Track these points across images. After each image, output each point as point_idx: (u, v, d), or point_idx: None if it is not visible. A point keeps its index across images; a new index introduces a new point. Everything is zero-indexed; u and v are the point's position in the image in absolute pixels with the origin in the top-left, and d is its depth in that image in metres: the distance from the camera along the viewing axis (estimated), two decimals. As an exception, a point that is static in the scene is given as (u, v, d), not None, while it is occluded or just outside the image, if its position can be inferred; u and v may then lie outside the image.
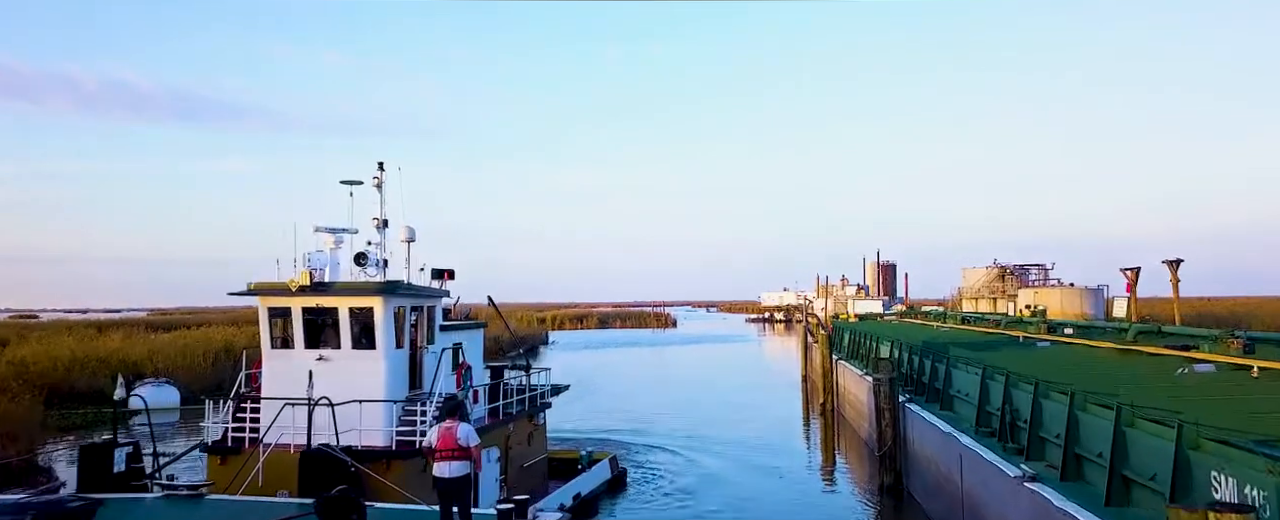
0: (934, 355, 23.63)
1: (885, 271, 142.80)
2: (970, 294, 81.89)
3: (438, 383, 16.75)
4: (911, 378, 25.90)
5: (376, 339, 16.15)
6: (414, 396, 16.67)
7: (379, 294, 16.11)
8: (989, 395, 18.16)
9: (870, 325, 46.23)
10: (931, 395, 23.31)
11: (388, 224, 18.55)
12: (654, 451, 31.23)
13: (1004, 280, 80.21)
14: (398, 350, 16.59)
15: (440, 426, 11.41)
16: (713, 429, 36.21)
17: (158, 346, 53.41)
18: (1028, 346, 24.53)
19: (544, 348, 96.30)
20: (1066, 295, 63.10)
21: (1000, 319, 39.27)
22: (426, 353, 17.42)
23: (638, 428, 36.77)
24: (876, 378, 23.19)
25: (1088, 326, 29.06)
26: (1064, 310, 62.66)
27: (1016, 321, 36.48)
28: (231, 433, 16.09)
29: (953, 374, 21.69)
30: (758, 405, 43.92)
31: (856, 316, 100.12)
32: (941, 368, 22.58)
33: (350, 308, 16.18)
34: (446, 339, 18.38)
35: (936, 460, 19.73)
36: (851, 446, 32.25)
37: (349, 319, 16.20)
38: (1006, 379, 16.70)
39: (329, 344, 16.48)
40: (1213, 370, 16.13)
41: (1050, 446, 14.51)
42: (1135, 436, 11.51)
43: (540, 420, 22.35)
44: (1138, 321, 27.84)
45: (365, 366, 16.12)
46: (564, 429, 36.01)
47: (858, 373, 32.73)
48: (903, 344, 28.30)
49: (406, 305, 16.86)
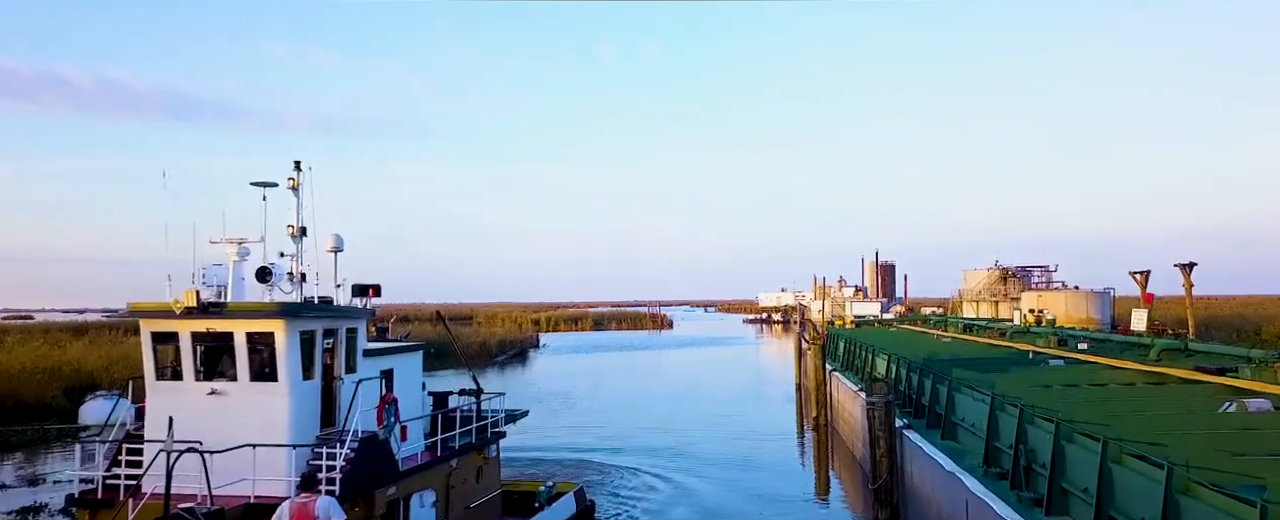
0: (935, 375, 21.18)
1: (884, 272, 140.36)
2: (971, 296, 79.48)
3: (353, 419, 14.25)
4: (910, 398, 23.50)
5: (279, 369, 13.67)
6: (327, 437, 14.21)
7: (280, 316, 13.60)
8: (999, 429, 15.74)
9: (867, 334, 43.77)
10: (932, 420, 20.91)
11: (306, 232, 16.08)
12: (630, 476, 28.76)
13: (1006, 282, 77.79)
14: (306, 382, 14.11)
15: (293, 502, 9.03)
16: (698, 447, 33.81)
17: (120, 354, 50.84)
18: (1038, 365, 22.07)
19: (534, 351, 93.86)
20: (1072, 299, 60.74)
21: (1006, 328, 36.82)
22: (344, 384, 14.91)
23: (617, 445, 34.32)
24: (871, 401, 20.73)
25: (1103, 340, 26.59)
26: (1069, 314, 60.30)
27: (1023, 331, 34.02)
28: (105, 481, 13.63)
29: (956, 398, 19.27)
30: (748, 418, 41.52)
31: (854, 318, 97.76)
32: (943, 390, 20.17)
33: (247, 333, 13.69)
34: (372, 366, 15.86)
35: (938, 501, 17.29)
36: (846, 467, 29.86)
37: (246, 346, 13.72)
38: (1021, 414, 14.28)
39: (226, 375, 14.00)
40: (1268, 408, 13.67)
41: (1076, 501, 12.08)
42: (1191, 506, 9.08)
43: (492, 453, 19.83)
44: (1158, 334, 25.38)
45: (265, 402, 13.65)
46: (538, 448, 33.59)
47: (852, 388, 30.32)
48: (901, 360, 25.86)
49: (317, 329, 14.36)
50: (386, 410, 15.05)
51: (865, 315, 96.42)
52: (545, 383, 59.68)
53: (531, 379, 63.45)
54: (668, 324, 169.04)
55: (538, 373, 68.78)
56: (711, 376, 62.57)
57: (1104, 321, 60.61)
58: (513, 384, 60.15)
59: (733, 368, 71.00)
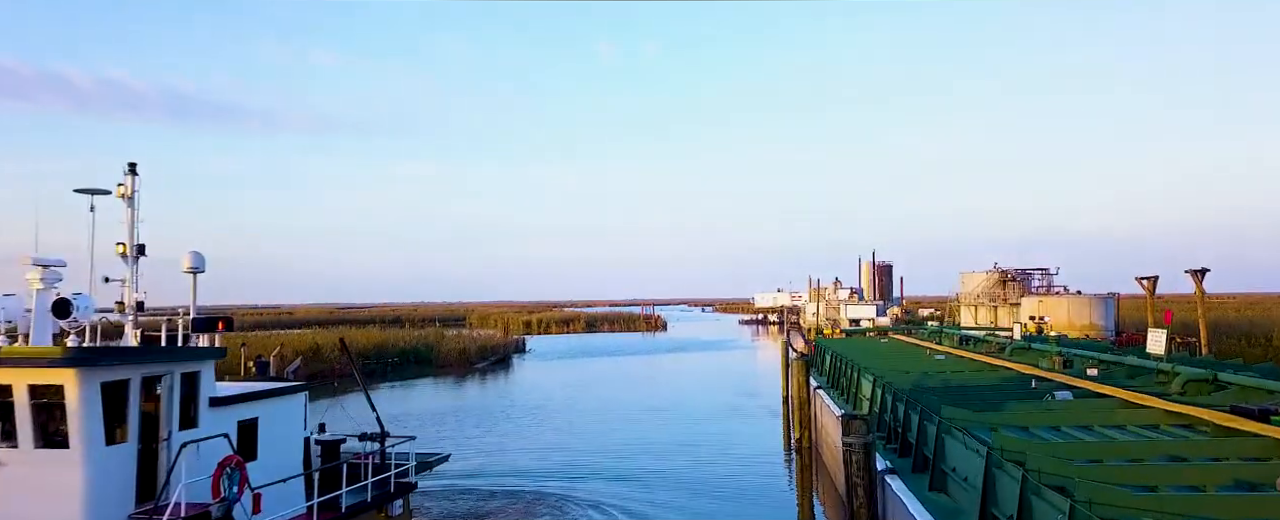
0: (924, 410, 18.19)
1: (881, 273, 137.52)
2: (969, 299, 76.53)
3: (174, 490, 11.26)
4: (896, 432, 20.55)
5: (71, 432, 10.72)
6: (141, 514, 11.24)
7: (72, 364, 10.63)
8: (996, 491, 12.79)
9: (856, 345, 40.75)
10: (919, 463, 17.98)
11: (144, 251, 13.10)
12: (584, 512, 25.75)
13: (1005, 286, 74.86)
14: (114, 447, 11.15)
15: None
16: (670, 472, 30.85)
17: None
18: (1043, 397, 19.01)
19: (518, 358, 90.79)
20: (1074, 305, 57.79)
21: (1005, 342, 33.78)
22: (167, 446, 11.89)
23: (580, 472, 31.31)
24: (847, 442, 17.73)
25: (1114, 362, 23.55)
26: (1072, 321, 57.41)
27: (1024, 347, 30.98)
28: None
29: (947, 442, 16.30)
30: (730, 436, 38.51)
31: (849, 322, 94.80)
32: (932, 429, 17.21)
33: (30, 385, 10.72)
34: (222, 419, 12.85)
35: (924, 572, 14.32)
36: (830, 500, 26.87)
37: (29, 403, 10.75)
38: (1023, 481, 11.31)
39: (8, 440, 11.02)
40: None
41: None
42: None
43: (396, 510, 16.80)
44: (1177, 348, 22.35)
45: (53, 475, 10.70)
46: (492, 473, 30.61)
47: (836, 411, 27.35)
48: (887, 384, 22.87)
49: (132, 377, 11.38)
50: (229, 476, 12.01)
51: (860, 318, 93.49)
52: (521, 394, 56.70)
53: (509, 389, 60.45)
54: (662, 326, 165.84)
55: (517, 382, 65.74)
56: (698, 386, 59.56)
57: (1108, 327, 57.73)
58: (490, 395, 57.13)
59: (722, 376, 67.98)
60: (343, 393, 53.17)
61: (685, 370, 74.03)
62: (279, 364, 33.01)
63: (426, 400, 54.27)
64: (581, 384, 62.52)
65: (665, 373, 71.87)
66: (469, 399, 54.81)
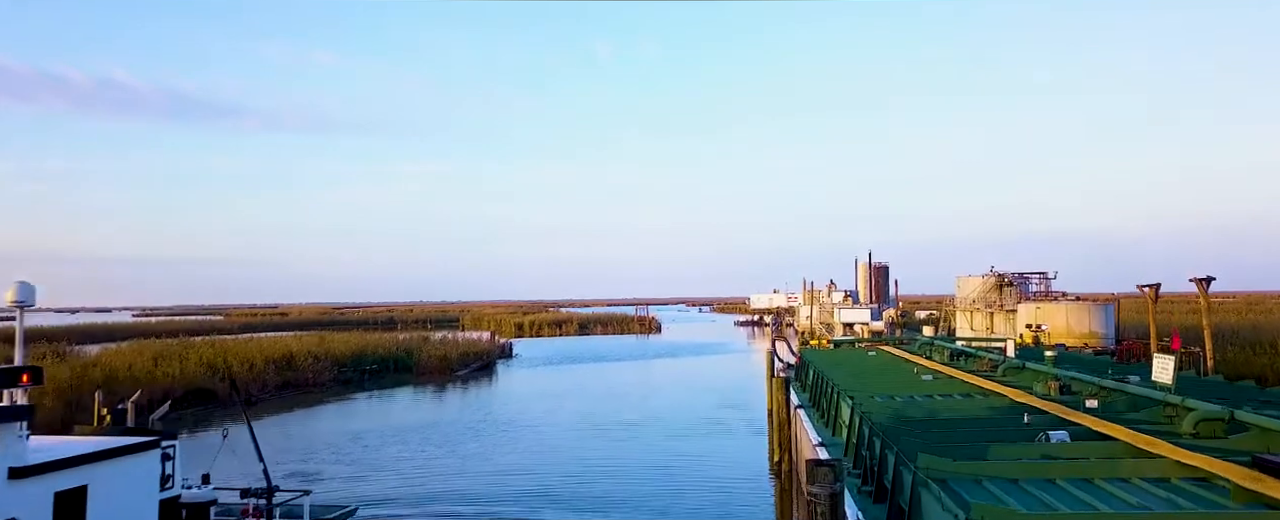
0: (900, 455, 16.00)
1: (877, 274, 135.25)
2: (965, 305, 74.28)
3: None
4: (872, 471, 18.37)
5: None
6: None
7: None
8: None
9: (841, 360, 38.52)
10: (894, 514, 15.79)
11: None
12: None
13: (1001, 291, 72.57)
14: None
15: None
16: (634, 503, 28.62)
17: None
18: (1036, 436, 16.81)
19: (503, 364, 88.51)
20: (1072, 311, 55.56)
21: (998, 359, 31.56)
22: None
23: (533, 502, 29.05)
24: (813, 492, 15.53)
25: (1116, 389, 21.34)
26: (1070, 328, 55.24)
27: (1018, 366, 28.75)
28: None
29: (923, 498, 14.10)
30: (709, 458, 36.26)
31: (844, 326, 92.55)
32: (908, 476, 15.02)
33: None
34: (32, 493, 10.61)
35: None
36: (804, 537, 24.67)
37: None
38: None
39: None
40: None
41: None
42: None
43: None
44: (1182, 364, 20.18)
45: None
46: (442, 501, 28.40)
47: (814, 438, 25.17)
48: (865, 414, 20.69)
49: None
50: None
51: (854, 322, 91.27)
52: (497, 406, 54.50)
53: (486, 401, 58.25)
54: (656, 329, 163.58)
55: (496, 392, 63.52)
56: (683, 396, 57.33)
57: (1108, 334, 55.54)
58: (464, 407, 54.92)
59: (710, 384, 65.71)
60: (288, 412, 50.62)
61: (673, 378, 71.83)
62: (137, 408, 29.16)
63: (397, 413, 52.07)
64: (561, 394, 60.31)
65: (651, 381, 69.66)
66: (442, 412, 52.63)
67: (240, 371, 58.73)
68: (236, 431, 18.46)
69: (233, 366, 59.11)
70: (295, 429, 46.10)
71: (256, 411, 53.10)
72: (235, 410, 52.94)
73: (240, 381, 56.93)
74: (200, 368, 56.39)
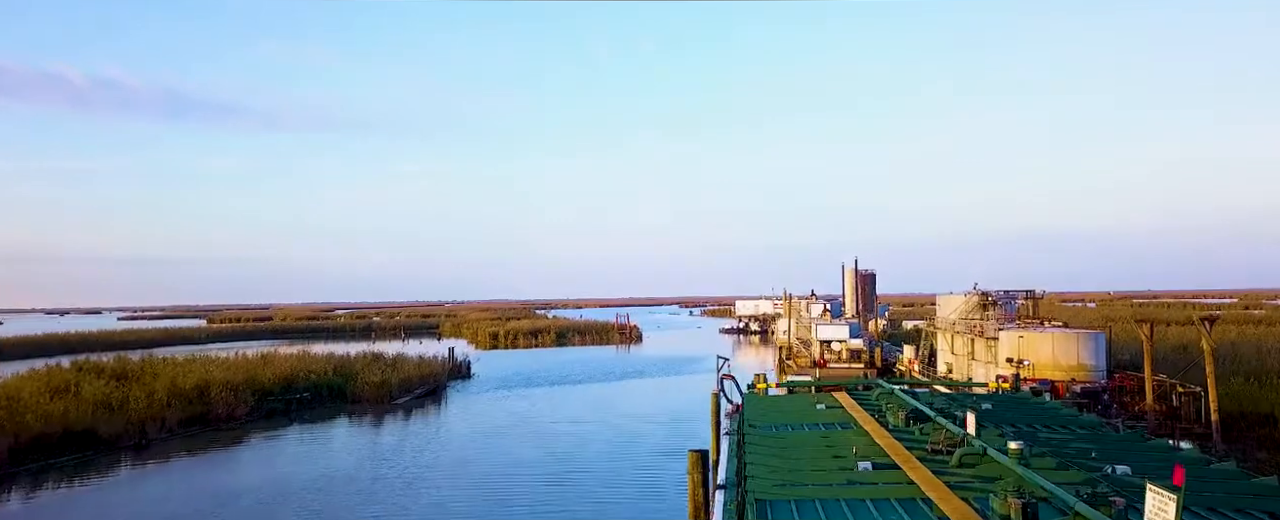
0: None
1: (864, 282, 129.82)
2: (946, 326, 68.77)
3: None
4: None
5: None
6: None
7: None
8: None
9: (780, 414, 33.00)
10: None
11: None
12: None
13: (986, 310, 67.07)
14: None
15: None
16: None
17: None
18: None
19: (457, 384, 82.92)
20: (1059, 341, 50.06)
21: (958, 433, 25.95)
22: None
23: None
24: None
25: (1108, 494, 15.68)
26: (1057, 360, 49.80)
27: (980, 452, 23.13)
28: None
29: None
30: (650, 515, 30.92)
31: (820, 343, 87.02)
32: None
33: None
34: None
35: None
36: None
37: None
38: None
39: None
40: None
41: None
42: None
43: None
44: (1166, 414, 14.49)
45: None
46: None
47: None
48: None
49: None
50: None
51: (831, 339, 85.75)
52: (421, 447, 48.99)
53: (412, 440, 52.76)
54: (636, 338, 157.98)
55: (430, 427, 58.00)
56: (628, 439, 51.82)
57: (1098, 366, 50.08)
58: (383, 449, 49.34)
59: (666, 416, 60.18)
60: (212, 449, 43.94)
61: (628, 408, 66.23)
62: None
63: (299, 460, 46.49)
64: (496, 432, 54.79)
65: (604, 412, 64.11)
66: (354, 455, 47.11)
67: (139, 405, 53.21)
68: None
69: (133, 400, 53.60)
70: (153, 487, 40.45)
71: (146, 457, 47.59)
72: (126, 456, 47.48)
73: (137, 419, 51.44)
74: (88, 404, 50.87)
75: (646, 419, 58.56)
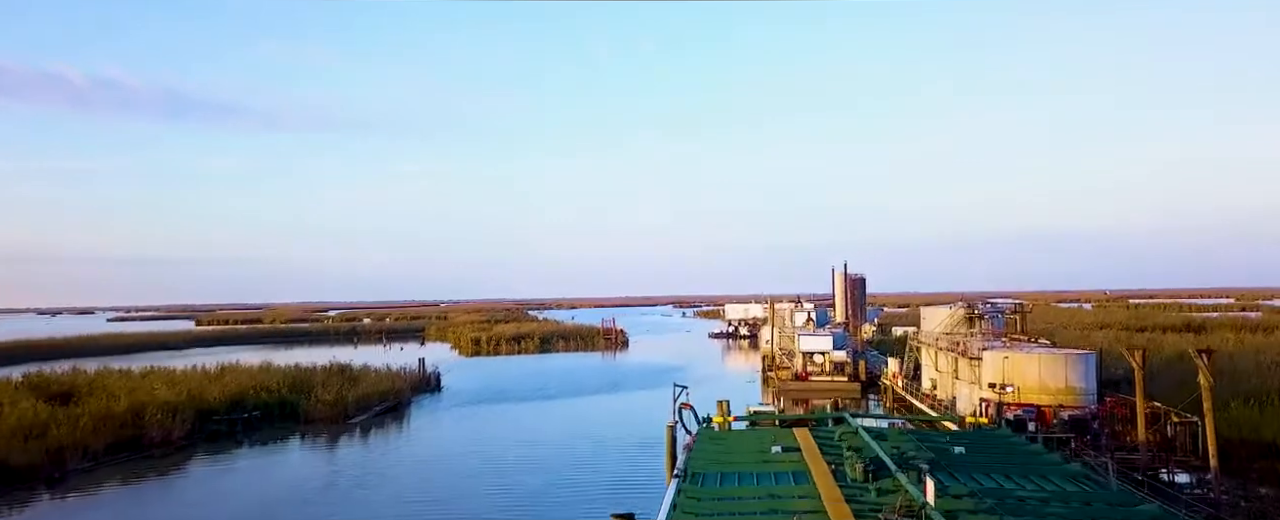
0: None
1: (853, 286, 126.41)
2: (930, 341, 65.35)
3: None
4: None
5: None
6: None
7: None
8: None
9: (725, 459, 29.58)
10: None
11: None
12: None
13: (972, 323, 63.67)
14: None
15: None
16: None
17: None
18: None
19: (424, 399, 79.35)
20: (1046, 363, 46.62)
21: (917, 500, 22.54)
22: None
23: None
24: None
25: None
26: (1043, 383, 46.40)
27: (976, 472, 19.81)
28: None
29: None
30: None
31: (802, 355, 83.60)
32: None
33: None
34: None
35: None
36: None
37: None
38: None
39: None
40: None
41: None
42: None
43: None
44: None
45: None
46: None
47: None
48: None
49: None
50: None
51: (813, 350, 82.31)
52: (355, 478, 45.54)
53: (349, 468, 49.34)
54: (623, 344, 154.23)
55: (377, 452, 54.55)
56: (585, 469, 48.40)
57: (1088, 389, 46.67)
58: (313, 481, 45.90)
59: (633, 440, 56.65)
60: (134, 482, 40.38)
61: (598, 428, 62.68)
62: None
63: (216, 497, 43.00)
64: (447, 457, 51.34)
65: (569, 433, 60.59)
66: (284, 487, 43.65)
67: (64, 431, 49.71)
68: None
69: (55, 425, 50.10)
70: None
71: (64, 490, 44.13)
72: (40, 492, 43.99)
73: (56, 447, 47.94)
74: (7, 430, 47.36)
75: (609, 443, 55.09)
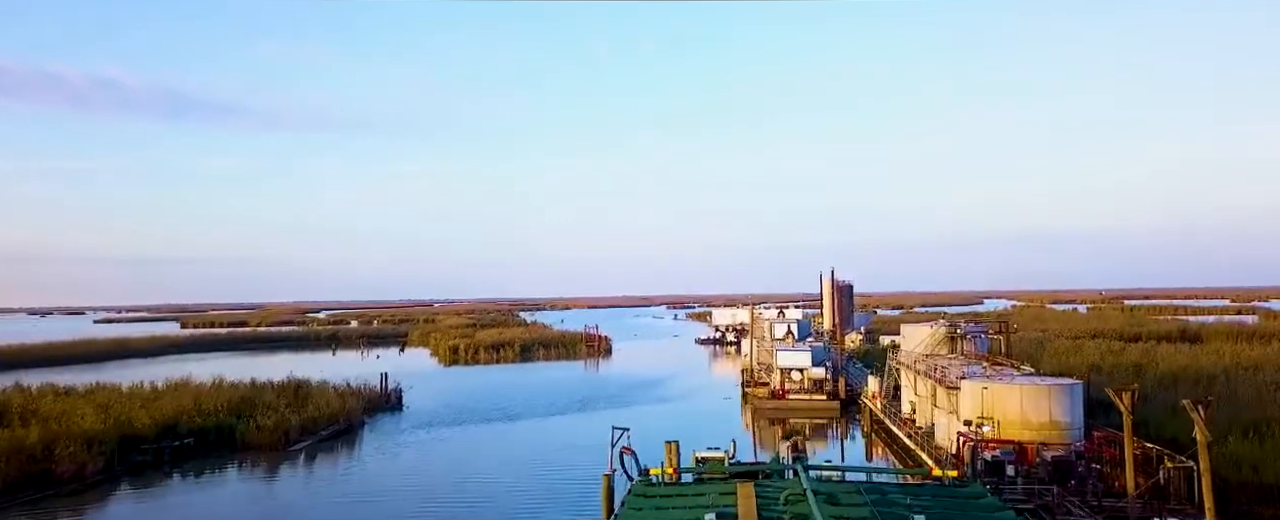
0: None
1: (840, 292, 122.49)
2: (910, 362, 61.37)
3: None
4: None
5: None
6: None
7: None
8: None
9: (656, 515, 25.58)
10: None
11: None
12: None
13: (954, 344, 59.72)
14: None
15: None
16: None
17: None
18: None
19: (383, 418, 75.29)
20: (1028, 395, 42.63)
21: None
22: None
23: None
24: None
25: None
26: (1026, 417, 42.48)
27: None
28: None
29: None
30: None
31: (780, 371, 79.64)
32: None
33: None
34: None
35: None
36: None
37: None
38: None
39: None
40: None
41: None
42: None
43: None
44: None
45: None
46: None
47: None
48: None
49: None
50: None
51: (791, 367, 78.33)
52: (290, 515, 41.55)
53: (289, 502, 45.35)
54: (606, 351, 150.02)
55: (306, 488, 50.56)
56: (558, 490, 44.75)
57: (1074, 423, 42.70)
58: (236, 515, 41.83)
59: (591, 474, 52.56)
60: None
61: (558, 455, 58.63)
62: None
63: None
64: (385, 494, 47.38)
65: (528, 461, 56.58)
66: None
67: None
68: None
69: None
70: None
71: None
72: None
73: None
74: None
75: (564, 474, 51.11)
